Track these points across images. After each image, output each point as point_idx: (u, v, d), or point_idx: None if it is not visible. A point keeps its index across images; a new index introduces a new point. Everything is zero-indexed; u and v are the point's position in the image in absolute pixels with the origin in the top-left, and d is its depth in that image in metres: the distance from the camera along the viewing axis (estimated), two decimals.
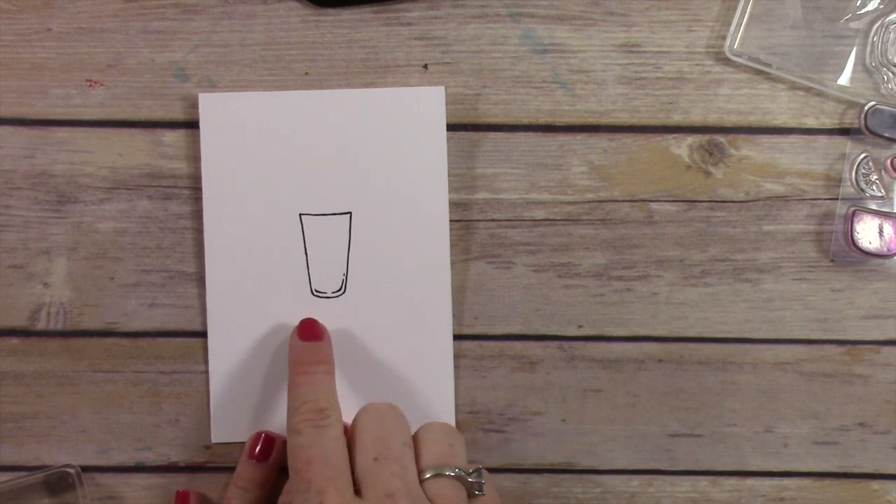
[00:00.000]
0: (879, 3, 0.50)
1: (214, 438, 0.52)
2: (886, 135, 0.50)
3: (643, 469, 0.53)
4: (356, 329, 0.51)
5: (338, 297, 0.51)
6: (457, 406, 0.52)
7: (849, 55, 0.50)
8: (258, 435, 0.51)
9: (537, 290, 0.52)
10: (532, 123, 0.51)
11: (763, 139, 0.51)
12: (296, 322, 0.51)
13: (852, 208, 0.50)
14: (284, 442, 0.51)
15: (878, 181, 0.50)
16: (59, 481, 0.52)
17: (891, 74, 0.50)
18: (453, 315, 0.52)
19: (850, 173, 0.51)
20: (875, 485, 0.53)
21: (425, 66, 0.51)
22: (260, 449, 0.50)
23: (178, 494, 0.51)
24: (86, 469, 0.52)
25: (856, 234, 0.50)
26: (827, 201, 0.51)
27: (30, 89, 0.51)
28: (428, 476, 0.44)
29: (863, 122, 0.50)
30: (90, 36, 0.51)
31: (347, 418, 0.51)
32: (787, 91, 0.51)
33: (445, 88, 0.51)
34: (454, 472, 0.44)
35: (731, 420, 0.52)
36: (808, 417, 0.52)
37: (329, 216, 0.51)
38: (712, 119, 0.51)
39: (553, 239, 0.52)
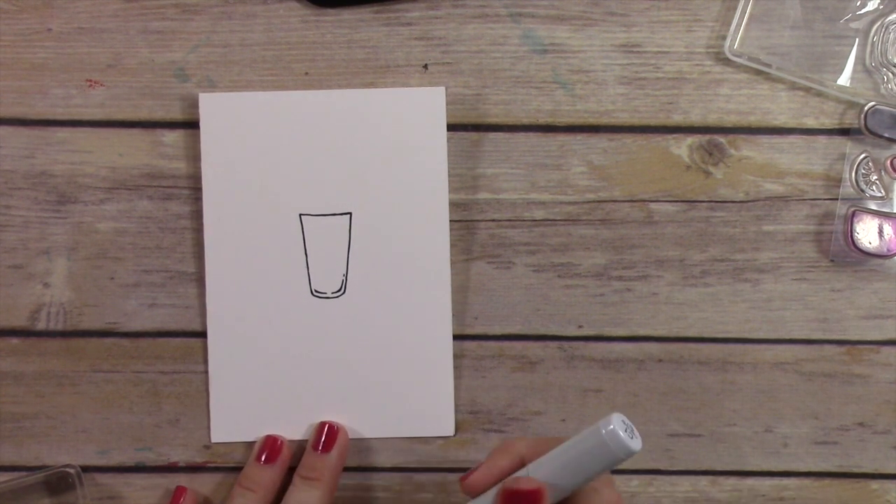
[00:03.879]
0: (879, 3, 0.50)
1: (214, 438, 0.52)
2: (886, 135, 0.50)
3: (643, 469, 0.53)
4: (356, 329, 0.51)
5: (337, 297, 0.51)
6: (457, 406, 0.52)
7: (849, 55, 0.50)
8: (268, 438, 0.51)
9: (537, 290, 0.52)
10: (532, 123, 0.51)
11: (763, 139, 0.51)
12: (296, 322, 0.51)
13: (852, 208, 0.50)
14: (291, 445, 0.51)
15: (877, 181, 0.50)
16: (59, 481, 0.52)
17: (891, 74, 0.50)
18: (453, 315, 0.52)
19: (850, 173, 0.51)
20: (874, 484, 0.53)
21: (425, 66, 0.51)
22: (269, 452, 0.50)
23: (178, 489, 0.51)
24: (86, 469, 0.52)
25: (856, 234, 0.50)
26: (827, 201, 0.51)
27: (30, 89, 0.51)
28: None
29: (863, 122, 0.50)
30: (90, 36, 0.51)
31: (346, 417, 0.52)
32: (787, 91, 0.51)
33: (445, 88, 0.51)
34: None
35: (730, 420, 0.52)
36: (808, 417, 0.52)
37: (329, 216, 0.51)
38: (712, 119, 0.51)
39: (553, 239, 0.52)
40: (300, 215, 0.51)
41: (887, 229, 0.50)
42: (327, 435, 0.50)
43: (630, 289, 0.52)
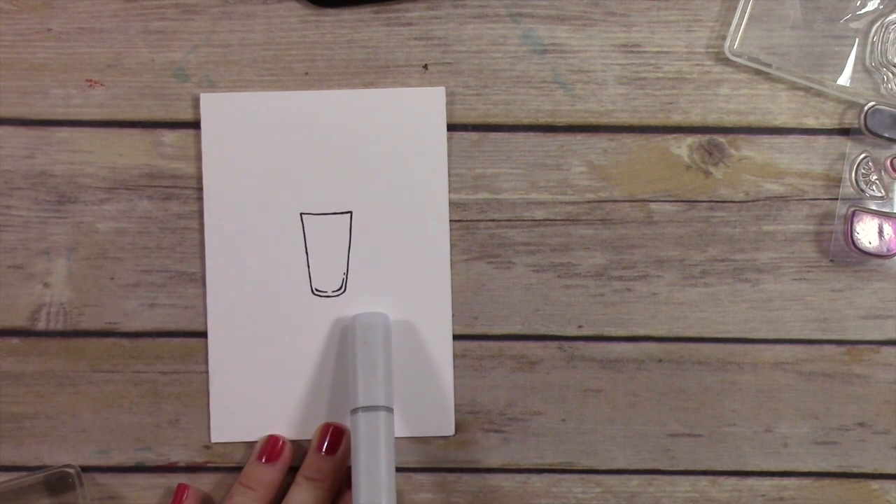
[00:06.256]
0: (879, 3, 0.50)
1: (214, 438, 0.52)
2: (886, 135, 0.50)
3: (643, 469, 0.53)
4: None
5: (338, 296, 0.51)
6: (457, 406, 0.52)
7: (849, 55, 0.50)
8: (269, 438, 0.51)
9: (537, 290, 0.52)
10: (532, 123, 0.51)
11: (763, 139, 0.51)
12: (296, 321, 0.51)
13: (852, 208, 0.50)
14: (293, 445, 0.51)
15: (877, 181, 0.50)
16: (59, 481, 0.52)
17: (891, 74, 0.50)
18: (453, 315, 0.52)
19: (850, 173, 0.51)
20: (874, 485, 0.53)
21: (425, 66, 0.51)
22: (270, 452, 0.50)
23: (179, 486, 0.51)
24: (86, 469, 0.52)
25: (856, 234, 0.50)
26: (827, 201, 0.51)
27: (30, 89, 0.51)
28: None
29: (863, 122, 0.50)
30: (90, 36, 0.51)
31: (346, 417, 0.52)
32: (787, 91, 0.51)
33: (445, 88, 0.51)
34: None
35: (730, 420, 0.52)
36: (808, 417, 0.52)
37: (330, 215, 0.51)
38: (712, 119, 0.51)
39: (553, 239, 0.52)
40: (301, 214, 0.51)
41: (887, 229, 0.50)
42: (333, 436, 0.50)
43: (630, 289, 0.52)
